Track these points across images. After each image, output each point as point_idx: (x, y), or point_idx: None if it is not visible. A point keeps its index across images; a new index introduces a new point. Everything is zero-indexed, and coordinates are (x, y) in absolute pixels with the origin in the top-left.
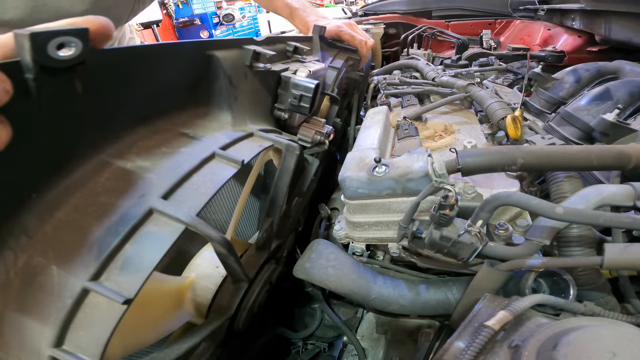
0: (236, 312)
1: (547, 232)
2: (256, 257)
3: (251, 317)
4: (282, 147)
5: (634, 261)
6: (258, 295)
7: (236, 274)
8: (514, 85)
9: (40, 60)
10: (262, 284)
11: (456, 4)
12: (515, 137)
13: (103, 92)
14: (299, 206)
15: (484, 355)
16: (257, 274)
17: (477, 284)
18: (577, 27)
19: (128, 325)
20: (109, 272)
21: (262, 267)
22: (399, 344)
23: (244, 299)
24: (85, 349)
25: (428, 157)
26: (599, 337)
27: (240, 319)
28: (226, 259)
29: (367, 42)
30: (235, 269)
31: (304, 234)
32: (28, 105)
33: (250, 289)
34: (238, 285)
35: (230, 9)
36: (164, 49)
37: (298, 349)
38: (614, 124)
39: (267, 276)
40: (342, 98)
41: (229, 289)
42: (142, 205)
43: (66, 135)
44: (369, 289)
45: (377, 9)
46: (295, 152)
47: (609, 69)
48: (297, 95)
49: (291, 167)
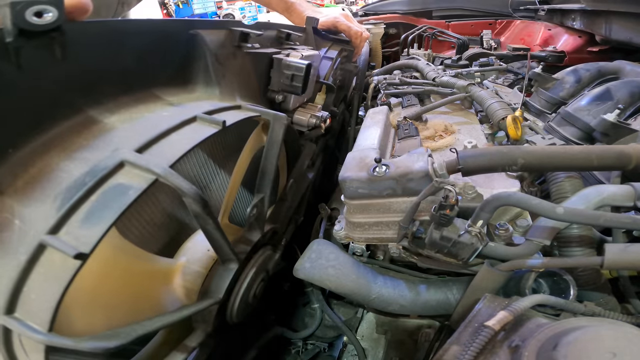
0: (227, 298)
1: (547, 232)
2: (247, 237)
3: (246, 308)
4: (269, 117)
5: (634, 261)
6: (252, 282)
7: (221, 250)
8: (514, 85)
9: (19, 24)
10: (256, 270)
11: (457, 4)
12: (515, 137)
13: (84, 60)
14: (295, 192)
15: (484, 356)
16: (250, 258)
17: (477, 284)
18: (577, 27)
19: (112, 301)
20: (69, 225)
21: (255, 249)
22: (399, 344)
23: (235, 283)
24: (34, 315)
25: (428, 157)
26: (599, 337)
27: (232, 307)
28: (205, 224)
29: (363, 34)
30: (218, 240)
31: (304, 234)
32: (9, 66)
33: (242, 273)
34: (227, 266)
35: (230, 9)
36: (146, 25)
37: (298, 349)
38: (615, 124)
39: (261, 261)
40: (338, 90)
41: (218, 272)
42: (114, 158)
43: (45, 96)
44: (369, 289)
45: (377, 9)
46: (283, 122)
47: (609, 69)
48: (288, 75)
49: (279, 137)
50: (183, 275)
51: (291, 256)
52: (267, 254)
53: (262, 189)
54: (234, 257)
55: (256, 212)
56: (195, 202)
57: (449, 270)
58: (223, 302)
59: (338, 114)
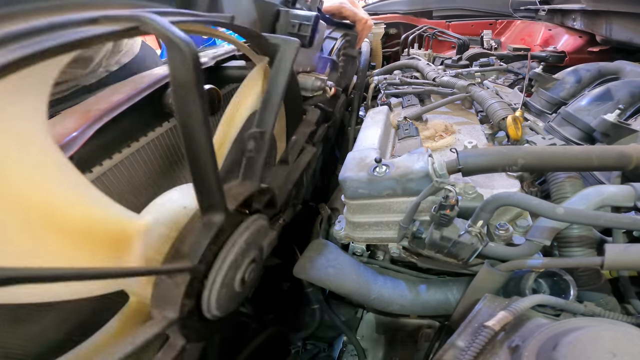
0: (206, 272)
1: (547, 232)
2: (239, 187)
3: (231, 297)
4: (278, 41)
5: (635, 262)
6: (241, 257)
7: (204, 186)
8: (514, 85)
9: None
10: (247, 240)
11: (457, 4)
12: (515, 138)
13: None
14: (298, 160)
15: (484, 356)
16: (241, 220)
17: (477, 284)
18: (578, 27)
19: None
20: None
21: (249, 208)
22: (399, 344)
23: (218, 250)
24: None
25: (428, 157)
26: (599, 337)
27: (211, 288)
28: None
29: (368, 21)
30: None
31: (304, 234)
32: None
33: (229, 237)
34: (209, 219)
35: None
36: None
37: (298, 349)
38: (615, 124)
39: (254, 231)
40: (341, 75)
41: (196, 227)
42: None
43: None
44: (369, 289)
45: (377, 9)
46: (295, 46)
47: (609, 69)
48: (295, 25)
49: (289, 62)
50: (145, 239)
51: (291, 256)
52: (262, 224)
53: (264, 123)
54: (220, 204)
55: (254, 147)
56: (184, 59)
57: (449, 270)
58: (198, 274)
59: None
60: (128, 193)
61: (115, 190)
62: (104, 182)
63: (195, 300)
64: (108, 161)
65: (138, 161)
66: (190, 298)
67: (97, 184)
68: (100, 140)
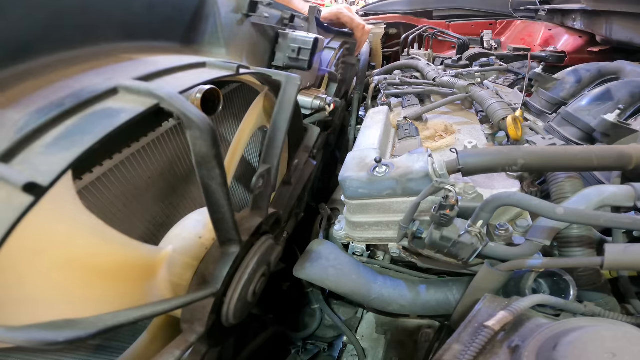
0: (224, 291)
1: (547, 232)
2: (250, 218)
3: (244, 306)
4: (281, 78)
5: (635, 262)
6: (253, 275)
7: (222, 224)
8: (514, 85)
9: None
10: (258, 261)
11: (457, 4)
12: (515, 138)
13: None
14: (300, 177)
15: (484, 356)
16: (252, 244)
17: (477, 285)
18: (578, 27)
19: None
20: (29, 151)
21: (258, 234)
22: (399, 344)
23: (234, 272)
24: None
25: (429, 158)
26: (599, 337)
27: (230, 303)
28: (209, 177)
29: (366, 27)
30: (221, 207)
31: (304, 234)
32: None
33: (243, 261)
34: (227, 250)
35: None
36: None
37: (298, 349)
38: (615, 124)
39: (264, 251)
40: (340, 83)
41: (216, 257)
42: (107, 83)
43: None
44: (369, 289)
45: (377, 9)
46: (297, 83)
47: (609, 69)
48: (295, 49)
49: (292, 99)
50: (169, 268)
51: (291, 256)
52: (270, 244)
53: (270, 158)
54: (236, 238)
55: (262, 184)
56: (203, 135)
57: (449, 270)
58: (220, 295)
59: (340, 105)
60: (128, 193)
61: (115, 191)
62: (105, 183)
63: (216, 314)
64: (108, 161)
65: (138, 161)
66: (213, 313)
67: (98, 184)
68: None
